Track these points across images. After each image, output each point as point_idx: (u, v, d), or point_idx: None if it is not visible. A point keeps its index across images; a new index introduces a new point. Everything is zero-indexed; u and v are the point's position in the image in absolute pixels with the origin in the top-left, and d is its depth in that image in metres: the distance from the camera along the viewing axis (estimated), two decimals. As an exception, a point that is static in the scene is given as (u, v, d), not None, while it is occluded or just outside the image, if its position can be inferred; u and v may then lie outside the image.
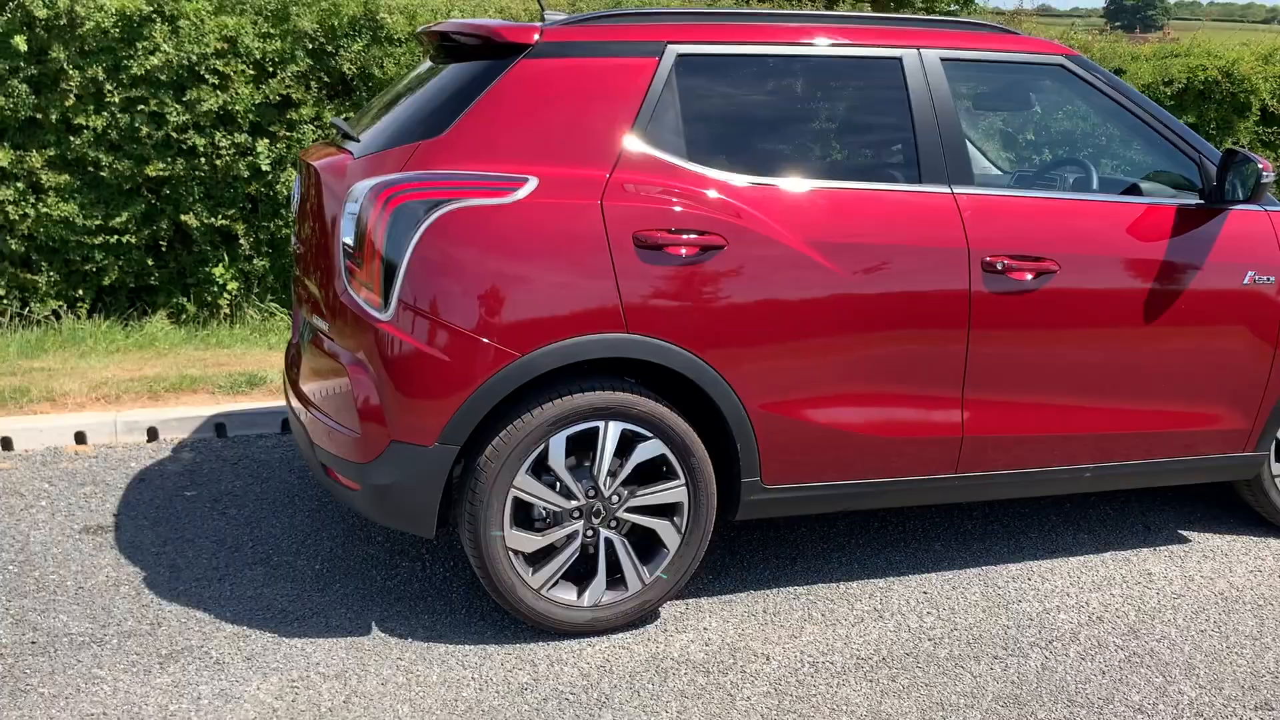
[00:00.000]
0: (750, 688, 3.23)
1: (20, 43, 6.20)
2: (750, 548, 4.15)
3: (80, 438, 5.02)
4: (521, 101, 3.33)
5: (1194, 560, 4.16)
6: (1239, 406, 4.05)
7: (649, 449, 3.39)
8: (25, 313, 6.69)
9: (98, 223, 6.59)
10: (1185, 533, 4.42)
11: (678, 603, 3.72)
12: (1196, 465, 4.11)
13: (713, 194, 3.38)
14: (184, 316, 6.86)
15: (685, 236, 3.30)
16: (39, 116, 6.44)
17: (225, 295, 6.84)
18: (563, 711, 3.08)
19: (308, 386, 3.66)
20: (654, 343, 3.30)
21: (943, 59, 3.71)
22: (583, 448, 3.37)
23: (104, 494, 4.49)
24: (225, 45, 6.57)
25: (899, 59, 3.66)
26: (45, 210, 6.49)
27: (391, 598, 3.68)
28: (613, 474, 3.38)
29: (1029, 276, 3.65)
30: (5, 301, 6.67)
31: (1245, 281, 3.93)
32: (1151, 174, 4.26)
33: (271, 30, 6.65)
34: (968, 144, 4.48)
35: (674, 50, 3.46)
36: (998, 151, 6.18)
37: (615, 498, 3.40)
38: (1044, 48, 3.91)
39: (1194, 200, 3.96)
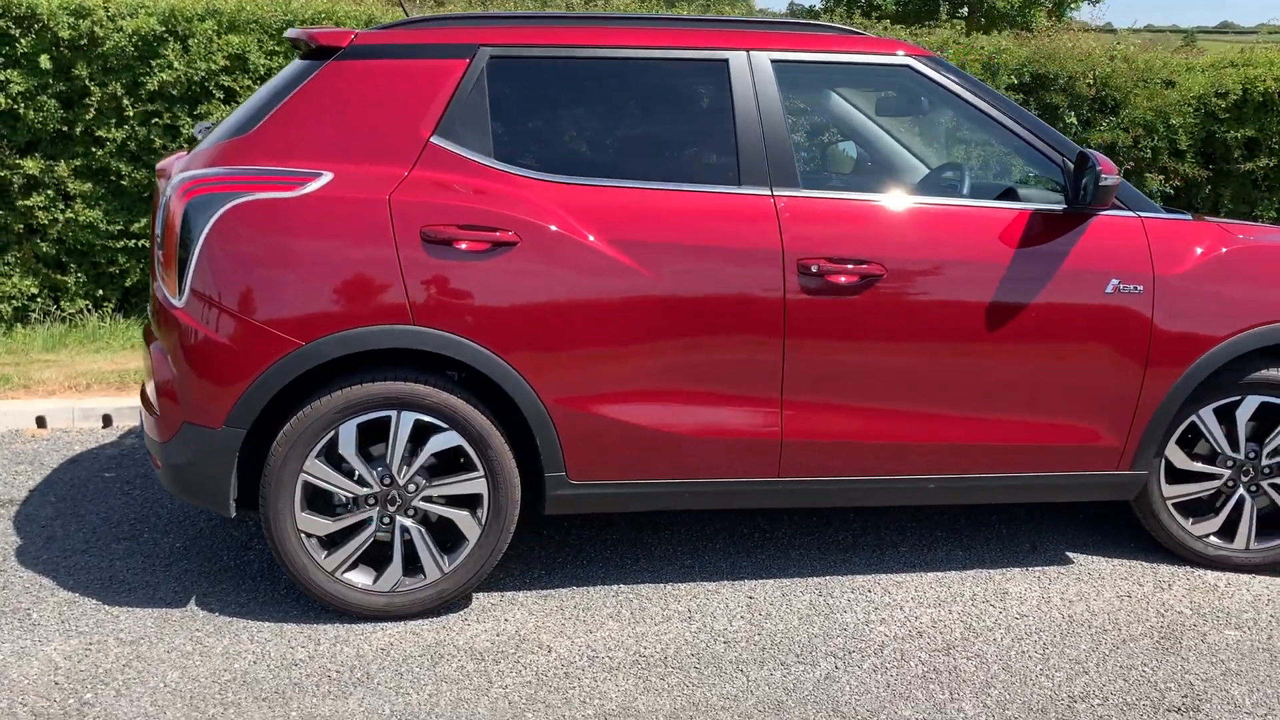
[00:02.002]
0: (514, 677, 3.27)
1: (45, 61, 6.74)
2: (598, 544, 4.18)
3: (41, 422, 5.42)
4: (328, 101, 3.49)
5: (1063, 582, 3.98)
6: (1109, 422, 3.86)
7: (444, 440, 3.48)
8: (56, 310, 7.24)
9: (119, 228, 7.07)
10: (1073, 554, 4.22)
11: (493, 593, 3.79)
12: (1066, 482, 3.93)
13: (512, 192, 3.46)
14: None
15: (474, 232, 3.39)
16: (65, 129, 6.97)
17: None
18: (319, 686, 3.19)
19: (145, 376, 3.89)
20: (440, 335, 3.39)
21: (774, 61, 3.69)
22: (382, 437, 3.48)
23: (34, 472, 4.84)
24: (233, 62, 6.98)
25: (725, 61, 3.66)
26: (72, 216, 7.01)
27: (227, 576, 3.86)
28: (408, 463, 3.47)
29: (849, 279, 3.58)
30: (39, 300, 7.22)
31: (1108, 290, 3.75)
32: (1033, 179, 4.12)
33: (277, 48, 7.04)
34: (902, 149, 4.45)
35: (486, 52, 3.56)
36: (945, 155, 6.00)
37: (412, 487, 3.49)
38: (890, 48, 3.84)
39: (1059, 205, 3.80)
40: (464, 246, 3.38)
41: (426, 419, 3.46)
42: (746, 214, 3.58)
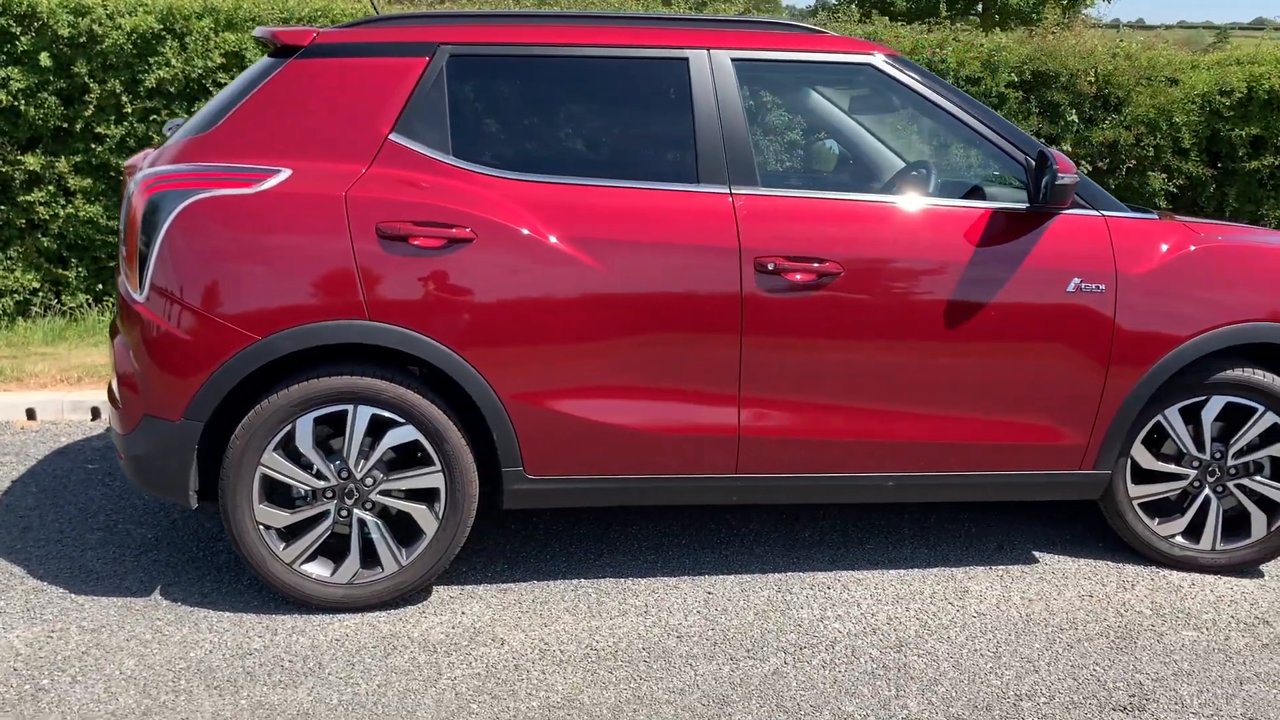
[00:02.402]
0: (464, 669, 3.31)
1: (45, 59, 6.83)
2: (562, 539, 4.21)
3: (31, 414, 5.51)
4: (289, 99, 3.53)
5: (1026, 581, 3.98)
6: (1071, 421, 3.85)
7: (401, 434, 3.52)
8: (57, 304, 7.35)
9: (119, 223, 7.15)
10: (1039, 554, 4.22)
11: (453, 586, 3.83)
12: (1030, 481, 3.92)
13: (469, 189, 3.50)
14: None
15: (430, 229, 3.42)
16: (66, 126, 7.06)
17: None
18: (270, 675, 3.24)
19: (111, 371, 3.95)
20: (395, 330, 3.43)
21: (734, 60, 3.71)
22: (341, 431, 3.52)
23: (18, 463, 4.92)
24: (230, 59, 7.06)
25: (685, 60, 3.68)
26: (73, 211, 7.11)
27: (194, 566, 3.92)
28: (365, 457, 3.52)
29: (805, 277, 3.59)
30: (40, 294, 7.33)
31: (1069, 289, 3.75)
32: (1001, 178, 4.11)
33: (273, 45, 7.09)
34: (877, 147, 4.45)
35: (447, 50, 3.59)
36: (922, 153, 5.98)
37: (369, 480, 3.54)
38: (853, 47, 3.84)
39: (1022, 204, 3.79)
40: (419, 243, 3.42)
41: (383, 413, 3.50)
42: (704, 212, 3.60)
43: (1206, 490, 4.04)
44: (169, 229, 3.38)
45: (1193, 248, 3.86)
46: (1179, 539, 4.10)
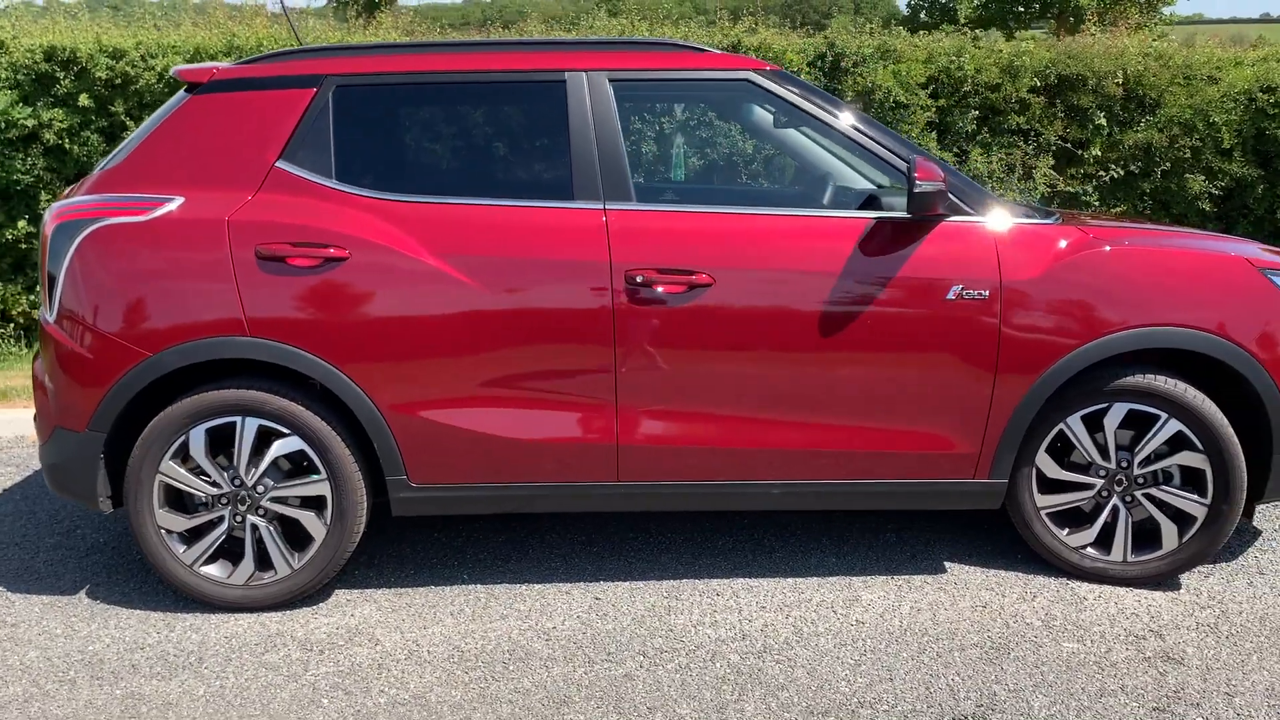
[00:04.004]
0: (330, 666, 3.49)
1: (85, 99, 7.37)
2: (477, 545, 4.36)
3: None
4: (188, 131, 3.80)
5: (924, 591, 3.95)
6: (961, 429, 3.82)
7: (288, 445, 3.74)
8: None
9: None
10: (952, 564, 4.18)
11: (353, 590, 4.02)
12: (923, 490, 3.91)
13: (347, 210, 3.70)
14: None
15: (305, 249, 3.63)
16: (107, 161, 7.58)
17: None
18: (152, 668, 3.48)
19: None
20: (275, 346, 3.65)
21: (611, 80, 3.82)
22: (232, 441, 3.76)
23: (16, 474, 5.34)
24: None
25: (563, 81, 3.81)
26: (116, 241, 7.60)
27: (128, 568, 4.21)
28: (255, 465, 3.74)
29: (675, 290, 3.67)
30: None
31: (949, 296, 3.73)
32: (895, 186, 4.11)
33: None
34: (834, 161, 4.48)
35: (333, 81, 3.81)
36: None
37: (261, 488, 3.76)
38: (729, 63, 3.91)
39: (902, 213, 3.79)
40: (295, 262, 3.63)
41: (269, 424, 3.71)
42: (576, 228, 3.72)
43: (1115, 500, 3.95)
44: (72, 256, 3.67)
45: (1083, 253, 3.80)
46: (1090, 550, 4.01)
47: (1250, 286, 3.83)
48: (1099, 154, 8.18)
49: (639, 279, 3.67)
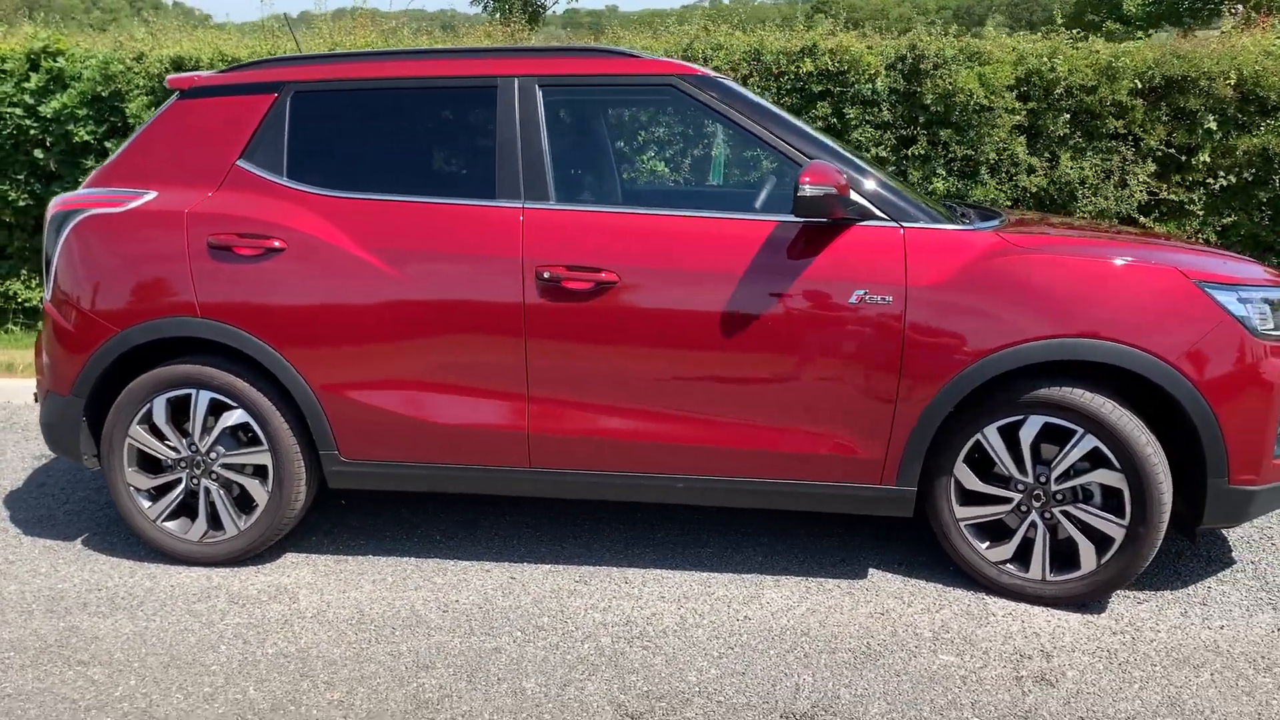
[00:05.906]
0: (241, 618, 3.84)
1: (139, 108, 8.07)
2: (436, 521, 4.64)
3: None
4: (169, 133, 4.25)
5: (830, 594, 3.96)
6: (864, 435, 3.81)
7: (235, 416, 4.13)
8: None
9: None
10: (877, 570, 4.15)
11: (302, 553, 4.37)
12: (828, 493, 3.91)
13: (291, 206, 4.05)
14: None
15: (249, 240, 4.01)
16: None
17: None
18: (98, 607, 3.93)
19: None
20: (220, 327, 4.04)
21: (541, 85, 4.01)
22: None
23: (22, 441, 6.00)
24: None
25: (495, 86, 4.04)
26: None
27: (116, 538, 4.71)
28: (208, 433, 4.15)
29: (582, 286, 3.83)
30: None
31: (851, 300, 3.73)
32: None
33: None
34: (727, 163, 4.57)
35: (292, 87, 4.17)
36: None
37: (213, 454, 4.17)
38: (656, 68, 4.02)
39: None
40: (240, 251, 4.01)
41: (219, 397, 4.11)
42: (494, 225, 3.93)
43: (1033, 516, 3.83)
44: (64, 242, 4.18)
45: (997, 260, 3.71)
46: (1009, 566, 3.90)
47: (1178, 299, 3.64)
48: (1208, 160, 7.68)
49: (547, 275, 3.84)
